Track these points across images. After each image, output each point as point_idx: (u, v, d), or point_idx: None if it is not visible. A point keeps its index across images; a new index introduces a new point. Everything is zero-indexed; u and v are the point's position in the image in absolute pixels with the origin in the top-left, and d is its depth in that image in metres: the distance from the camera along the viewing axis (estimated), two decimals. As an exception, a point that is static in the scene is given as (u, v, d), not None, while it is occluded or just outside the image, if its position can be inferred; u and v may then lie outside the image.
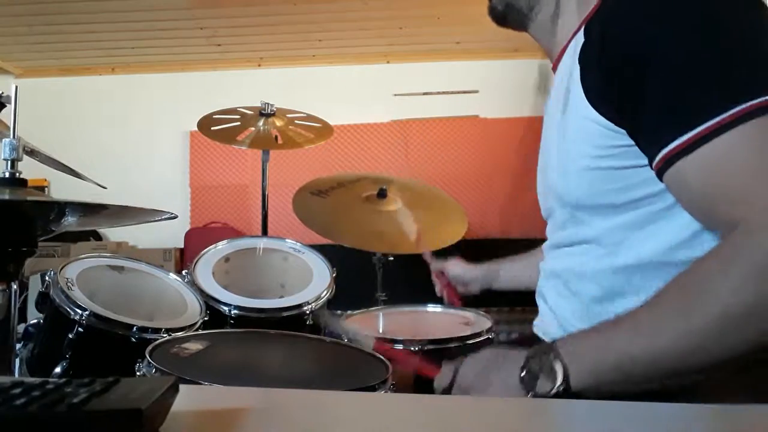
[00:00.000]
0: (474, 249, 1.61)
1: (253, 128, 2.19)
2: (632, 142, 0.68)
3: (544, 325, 0.91)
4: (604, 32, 0.69)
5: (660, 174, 0.65)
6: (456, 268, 1.39)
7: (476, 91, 4.22)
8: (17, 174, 0.98)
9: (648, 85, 0.63)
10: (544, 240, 0.94)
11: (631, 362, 0.62)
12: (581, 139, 0.72)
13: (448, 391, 0.78)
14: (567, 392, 0.64)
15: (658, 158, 0.63)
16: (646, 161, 0.67)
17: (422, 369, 0.89)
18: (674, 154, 0.62)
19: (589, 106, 0.70)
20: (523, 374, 0.67)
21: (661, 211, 0.70)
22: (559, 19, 0.84)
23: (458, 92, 4.23)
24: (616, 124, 0.68)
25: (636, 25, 0.66)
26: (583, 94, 0.71)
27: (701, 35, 0.63)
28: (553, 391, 0.64)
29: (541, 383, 0.65)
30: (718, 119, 0.59)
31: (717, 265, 0.59)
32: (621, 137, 0.68)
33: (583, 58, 0.72)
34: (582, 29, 0.76)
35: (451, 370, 0.79)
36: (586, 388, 0.64)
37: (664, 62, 0.63)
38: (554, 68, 0.87)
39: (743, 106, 0.58)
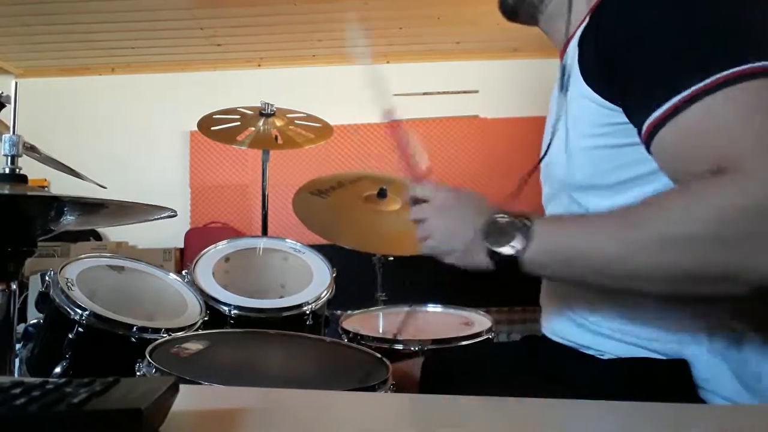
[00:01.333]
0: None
1: (253, 128, 2.19)
2: (628, 120, 0.69)
3: (551, 324, 0.90)
4: (601, 16, 0.72)
5: (648, 146, 0.67)
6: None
7: (476, 91, 4.22)
8: (17, 170, 0.97)
9: (636, 62, 0.66)
10: None
11: (575, 255, 0.65)
12: (580, 119, 0.75)
13: (415, 201, 0.81)
14: (516, 260, 0.67)
15: (643, 130, 0.65)
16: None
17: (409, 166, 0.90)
18: (657, 123, 0.63)
19: (586, 86, 0.72)
20: (487, 226, 0.70)
21: (662, 189, 0.70)
22: (569, 10, 0.84)
23: (458, 92, 4.23)
24: (610, 102, 0.70)
25: (627, 8, 0.69)
26: (580, 75, 0.73)
27: (682, 11, 0.65)
28: (507, 252, 0.67)
29: (500, 240, 0.68)
30: (695, 87, 0.60)
31: (683, 191, 0.61)
32: (617, 115, 0.70)
33: (582, 41, 0.75)
34: (589, 16, 0.78)
35: (428, 188, 0.80)
36: (535, 264, 0.67)
37: (649, 39, 0.66)
38: (561, 58, 0.88)
39: (720, 74, 0.59)
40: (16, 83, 0.97)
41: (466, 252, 0.72)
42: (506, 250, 0.68)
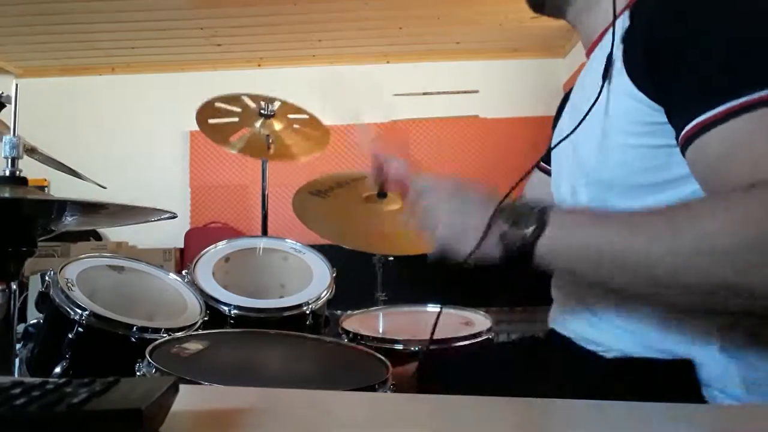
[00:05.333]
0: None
1: (249, 128, 2.17)
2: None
3: (559, 316, 0.90)
4: (652, 15, 0.71)
5: (684, 148, 0.66)
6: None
7: (476, 91, 4.23)
8: (17, 172, 0.98)
9: (686, 63, 0.65)
10: None
11: (605, 250, 0.63)
12: (622, 116, 0.73)
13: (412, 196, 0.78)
14: (530, 248, 0.65)
15: (685, 131, 0.64)
16: None
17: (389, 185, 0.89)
18: (702, 127, 0.63)
19: (631, 84, 0.71)
20: (502, 209, 0.68)
21: (691, 195, 0.70)
22: (602, 4, 0.84)
23: (458, 92, 4.23)
24: (655, 101, 0.69)
25: (681, 9, 0.68)
26: (625, 73, 0.72)
27: (740, 20, 0.65)
28: (521, 236, 0.65)
29: (514, 225, 0.66)
30: (748, 98, 0.60)
31: (724, 201, 0.60)
32: (659, 114, 0.69)
33: (628, 39, 0.74)
34: (627, 12, 0.77)
35: (421, 189, 0.78)
36: (547, 255, 0.65)
37: (703, 42, 0.65)
38: (588, 53, 0.88)
39: None
40: (17, 85, 0.97)
41: (477, 239, 0.69)
42: (521, 232, 0.65)
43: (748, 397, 0.67)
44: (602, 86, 0.78)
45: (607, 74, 0.77)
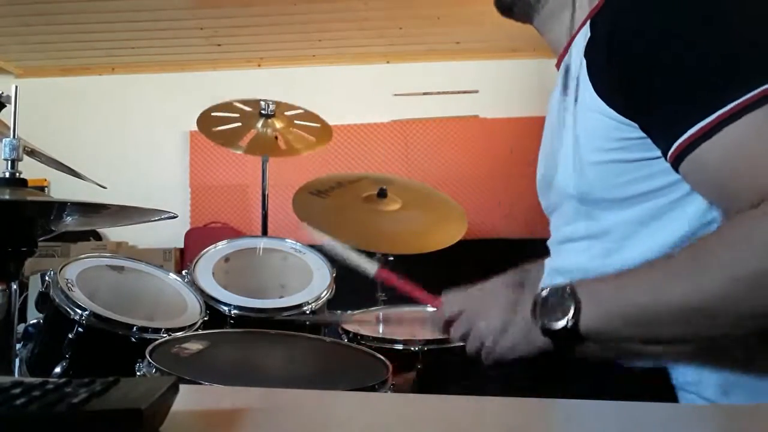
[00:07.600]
0: (474, 249, 1.61)
1: (252, 129, 2.18)
2: (642, 135, 0.67)
3: None
4: (613, 26, 0.69)
5: (677, 163, 0.64)
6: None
7: (476, 91, 4.22)
8: (17, 174, 0.98)
9: (662, 77, 0.63)
10: (544, 240, 0.94)
11: (639, 313, 0.63)
12: (592, 132, 0.72)
13: (449, 323, 0.79)
14: (575, 331, 0.65)
15: (675, 146, 0.63)
16: (656, 153, 0.67)
17: (421, 297, 0.89)
18: (694, 140, 0.61)
19: (599, 99, 0.69)
20: (535, 306, 0.69)
21: (669, 205, 0.70)
22: (566, 12, 0.83)
23: (458, 92, 4.23)
24: (627, 117, 0.68)
25: (646, 19, 0.66)
26: (591, 88, 0.71)
27: (713, 23, 0.63)
28: (561, 325, 0.66)
29: (551, 317, 0.67)
30: (737, 102, 0.58)
31: (735, 233, 0.59)
32: (631, 130, 0.68)
33: (590, 53, 0.72)
34: (588, 23, 0.75)
35: (455, 298, 0.79)
36: (593, 330, 0.65)
37: (677, 52, 0.63)
38: (558, 64, 0.87)
39: (762, 88, 0.58)
40: (17, 87, 0.97)
41: (524, 339, 0.71)
42: (562, 322, 0.66)
43: (725, 399, 0.67)
44: (559, 108, 0.78)
45: (568, 87, 0.77)
